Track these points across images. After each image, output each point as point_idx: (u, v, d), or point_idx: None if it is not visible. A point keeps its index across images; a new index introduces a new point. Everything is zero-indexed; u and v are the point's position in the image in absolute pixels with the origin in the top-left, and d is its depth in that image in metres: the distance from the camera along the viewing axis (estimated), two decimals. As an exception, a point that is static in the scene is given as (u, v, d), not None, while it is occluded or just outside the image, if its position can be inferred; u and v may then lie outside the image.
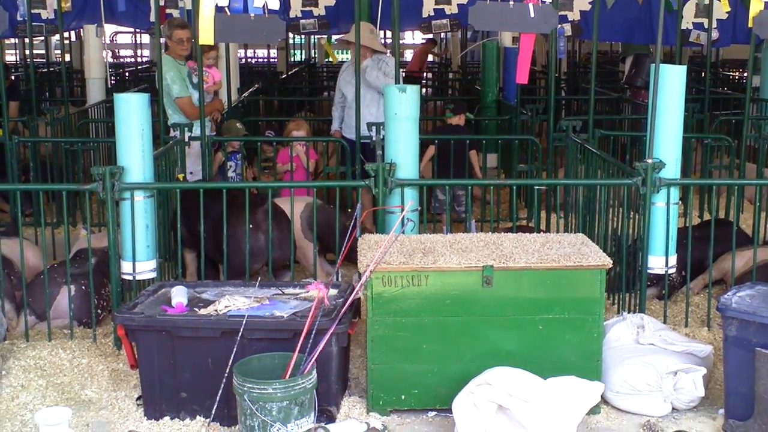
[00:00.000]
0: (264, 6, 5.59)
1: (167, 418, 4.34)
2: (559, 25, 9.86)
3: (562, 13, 9.63)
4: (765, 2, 5.64)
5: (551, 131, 7.77)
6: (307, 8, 9.94)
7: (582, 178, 6.80)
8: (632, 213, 5.75)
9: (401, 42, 10.53)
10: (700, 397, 4.50)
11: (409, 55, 27.79)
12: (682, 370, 4.46)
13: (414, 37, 27.74)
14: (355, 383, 4.79)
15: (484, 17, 5.56)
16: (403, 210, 4.89)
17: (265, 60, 20.43)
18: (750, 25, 5.67)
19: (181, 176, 6.59)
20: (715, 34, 10.37)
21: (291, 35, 16.20)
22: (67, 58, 13.77)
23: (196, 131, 6.91)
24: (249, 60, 21.65)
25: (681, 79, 5.37)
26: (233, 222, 5.62)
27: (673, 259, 5.59)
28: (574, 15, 10.22)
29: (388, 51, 7.54)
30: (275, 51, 19.28)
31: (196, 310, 4.39)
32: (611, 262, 4.38)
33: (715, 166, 8.59)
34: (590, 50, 7.96)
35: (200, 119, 6.75)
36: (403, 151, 5.42)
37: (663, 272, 5.59)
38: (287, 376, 3.94)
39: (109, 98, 9.47)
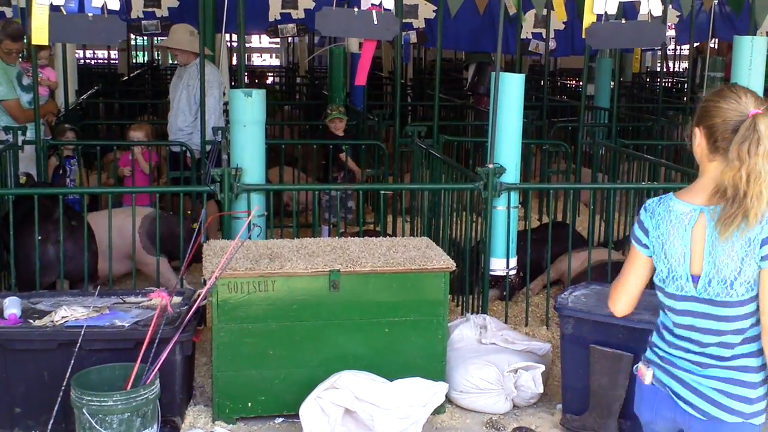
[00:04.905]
0: (103, 6, 5.40)
1: (-1, 435, 4.15)
2: (405, 33, 10.03)
3: (407, 20, 9.79)
4: (597, 15, 5.89)
5: (397, 136, 7.88)
6: (149, 9, 9.68)
7: (427, 183, 6.93)
8: (475, 217, 5.90)
9: (247, 46, 10.37)
10: (539, 394, 4.66)
11: (256, 59, 27.65)
12: (523, 368, 4.61)
13: (261, 41, 27.58)
14: (200, 392, 4.70)
15: (329, 23, 5.57)
16: (249, 215, 4.84)
17: (106, 61, 19.80)
18: (584, 36, 5.92)
19: (24, 179, 6.28)
20: (552, 44, 10.81)
21: (133, 36, 15.76)
22: None
23: (30, 134, 6.60)
24: (88, 61, 20.94)
25: (520, 87, 5.57)
26: (23, 231, 5.37)
27: (513, 261, 5.77)
28: (419, 23, 10.39)
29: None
30: (116, 52, 18.72)
31: (31, 321, 4.20)
32: (455, 265, 4.48)
33: (553, 171, 8.94)
34: (435, 57, 8.12)
35: (35, 122, 6.46)
36: (250, 156, 5.37)
37: (504, 274, 5.76)
38: (128, 387, 3.82)
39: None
